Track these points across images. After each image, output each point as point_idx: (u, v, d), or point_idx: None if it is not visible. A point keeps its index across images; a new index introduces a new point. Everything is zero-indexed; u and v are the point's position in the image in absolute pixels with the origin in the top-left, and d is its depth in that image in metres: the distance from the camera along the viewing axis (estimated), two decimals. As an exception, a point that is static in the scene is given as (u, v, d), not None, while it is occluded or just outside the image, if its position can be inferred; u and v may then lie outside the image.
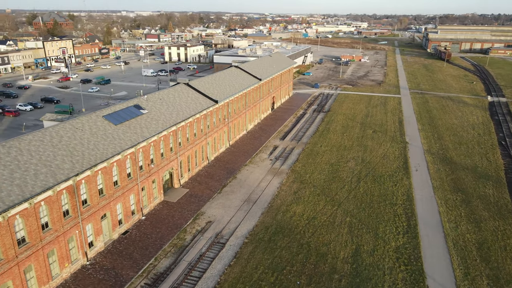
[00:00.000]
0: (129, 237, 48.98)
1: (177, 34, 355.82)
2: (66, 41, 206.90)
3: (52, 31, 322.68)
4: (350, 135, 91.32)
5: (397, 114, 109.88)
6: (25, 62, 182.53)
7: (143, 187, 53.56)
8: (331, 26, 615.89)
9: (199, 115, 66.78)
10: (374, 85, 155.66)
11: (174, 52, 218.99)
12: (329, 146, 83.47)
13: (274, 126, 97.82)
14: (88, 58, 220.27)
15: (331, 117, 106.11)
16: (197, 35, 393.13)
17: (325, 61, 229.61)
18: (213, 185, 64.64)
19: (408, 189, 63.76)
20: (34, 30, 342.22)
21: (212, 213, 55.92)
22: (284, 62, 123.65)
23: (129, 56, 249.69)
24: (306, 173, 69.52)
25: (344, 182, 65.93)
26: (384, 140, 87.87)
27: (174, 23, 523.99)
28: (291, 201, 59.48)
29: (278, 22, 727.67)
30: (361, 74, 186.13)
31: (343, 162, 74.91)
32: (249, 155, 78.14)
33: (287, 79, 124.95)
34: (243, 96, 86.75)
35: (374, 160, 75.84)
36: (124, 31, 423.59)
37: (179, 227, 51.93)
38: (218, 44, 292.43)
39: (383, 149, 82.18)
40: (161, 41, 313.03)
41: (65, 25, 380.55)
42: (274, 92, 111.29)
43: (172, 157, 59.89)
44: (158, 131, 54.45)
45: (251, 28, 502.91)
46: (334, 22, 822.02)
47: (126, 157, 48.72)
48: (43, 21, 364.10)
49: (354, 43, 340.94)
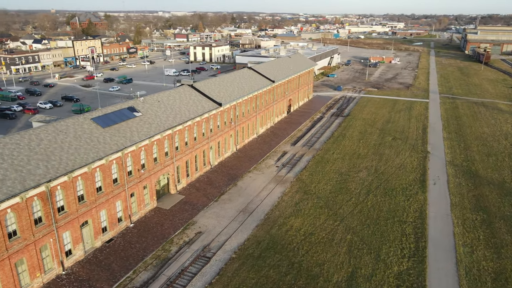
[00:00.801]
0: (112, 246, 46.83)
1: (206, 34, 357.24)
2: (94, 40, 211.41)
3: (87, 31, 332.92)
4: (367, 142, 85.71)
5: (422, 121, 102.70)
6: (55, 61, 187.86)
7: (132, 193, 51.36)
8: (365, 27, 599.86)
9: (200, 119, 64.03)
10: (402, 89, 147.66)
11: (199, 52, 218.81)
12: (341, 154, 78.45)
13: (287, 130, 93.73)
14: (116, 57, 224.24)
15: (349, 122, 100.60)
16: (227, 35, 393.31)
17: (353, 63, 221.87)
18: (211, 192, 61.67)
19: (422, 205, 58.02)
20: (71, 30, 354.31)
21: (204, 223, 52.91)
22: (303, 64, 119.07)
23: (157, 55, 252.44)
24: (312, 183, 65.14)
25: (352, 194, 61.05)
26: (403, 148, 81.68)
27: (205, 23, 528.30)
28: (290, 213, 55.45)
29: (311, 23, 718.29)
30: (389, 76, 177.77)
31: (354, 171, 69.83)
32: (255, 161, 74.62)
33: (307, 81, 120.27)
34: (253, 99, 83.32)
35: (388, 171, 70.22)
36: (156, 31, 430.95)
37: (166, 237, 49.28)
38: (246, 44, 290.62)
39: (400, 158, 76.22)
40: (190, 41, 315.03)
41: (100, 25, 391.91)
42: (290, 95, 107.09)
43: (167, 162, 57.43)
44: (150, 135, 52.08)
45: (282, 28, 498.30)
46: (369, 22, 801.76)
47: (112, 162, 46.58)
48: (79, 21, 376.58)
49: (387, 44, 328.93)
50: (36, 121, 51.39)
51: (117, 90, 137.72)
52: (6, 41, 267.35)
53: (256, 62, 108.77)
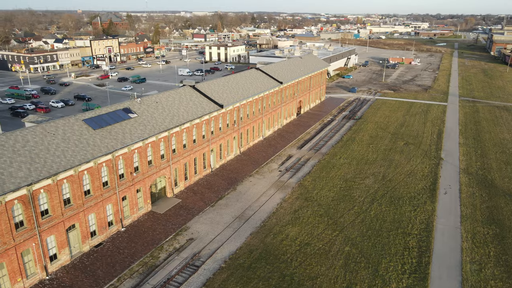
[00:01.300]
0: (101, 251, 45.68)
1: (224, 34, 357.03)
2: (112, 40, 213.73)
3: (107, 31, 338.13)
4: (377, 147, 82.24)
5: (438, 125, 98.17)
6: (73, 60, 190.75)
7: (124, 197, 50.17)
8: (387, 27, 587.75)
9: (199, 121, 62.41)
10: (419, 91, 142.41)
11: (214, 52, 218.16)
12: (349, 159, 75.38)
13: (295, 133, 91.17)
14: (133, 56, 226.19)
15: (360, 126, 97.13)
16: (245, 35, 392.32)
17: (371, 63, 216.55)
18: (209, 196, 59.95)
19: (430, 216, 54.57)
20: (92, 30, 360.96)
21: (197, 229, 51.20)
22: (315, 64, 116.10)
23: (174, 55, 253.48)
24: (315, 189, 62.52)
25: (355, 203, 58.12)
26: (415, 154, 77.88)
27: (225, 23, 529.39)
28: (287, 221, 53.09)
29: (332, 23, 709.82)
30: (407, 78, 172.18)
31: (360, 178, 66.77)
32: (258, 164, 72.52)
33: (319, 83, 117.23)
34: (258, 100, 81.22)
35: (397, 178, 66.82)
36: (176, 31, 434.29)
37: (156, 242, 47.83)
38: (263, 44, 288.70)
39: (411, 165, 72.57)
40: (208, 41, 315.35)
41: (120, 25, 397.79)
42: (300, 96, 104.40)
43: (163, 165, 56.04)
44: (144, 137, 50.76)
45: (301, 28, 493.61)
46: (392, 22, 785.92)
47: (101, 165, 45.44)
48: (101, 21, 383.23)
49: (408, 45, 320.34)
50: (28, 122, 50.88)
51: (130, 89, 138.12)
52: (29, 40, 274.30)
53: (267, 63, 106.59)
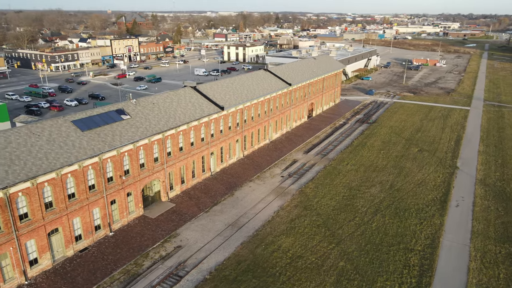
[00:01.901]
0: (85, 256, 44.50)
1: (245, 34, 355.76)
2: (132, 39, 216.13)
3: (131, 30, 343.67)
4: (388, 153, 78.16)
5: (457, 131, 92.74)
6: (93, 59, 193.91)
7: (113, 200, 48.89)
8: (414, 27, 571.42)
9: (198, 123, 60.59)
10: (441, 94, 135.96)
11: (232, 52, 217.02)
12: (356, 165, 71.80)
13: (303, 136, 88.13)
14: (153, 56, 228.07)
15: (373, 130, 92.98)
16: (267, 35, 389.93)
17: (393, 65, 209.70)
18: (204, 201, 58.02)
19: (437, 230, 50.62)
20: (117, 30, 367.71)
21: (187, 236, 49.31)
22: (330, 66, 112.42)
23: (193, 55, 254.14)
24: (316, 197, 59.52)
25: (357, 213, 54.78)
26: (429, 162, 73.40)
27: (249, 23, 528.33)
28: (282, 231, 50.43)
29: (357, 23, 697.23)
30: (430, 80, 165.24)
31: (366, 186, 63.20)
32: (261, 169, 70.08)
33: (333, 84, 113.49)
34: (265, 102, 78.74)
35: (405, 187, 62.86)
36: (198, 30, 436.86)
37: (143, 249, 46.26)
38: (284, 44, 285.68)
39: (423, 173, 68.29)
40: (228, 41, 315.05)
41: (144, 24, 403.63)
42: (312, 99, 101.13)
43: (156, 168, 54.52)
44: (134, 139, 49.34)
45: (325, 28, 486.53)
46: (421, 22, 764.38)
47: (87, 168, 44.25)
48: (125, 21, 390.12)
49: (435, 46, 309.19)
50: (19, 122, 50.42)
51: (144, 89, 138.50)
52: (55, 39, 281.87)
53: (280, 63, 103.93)
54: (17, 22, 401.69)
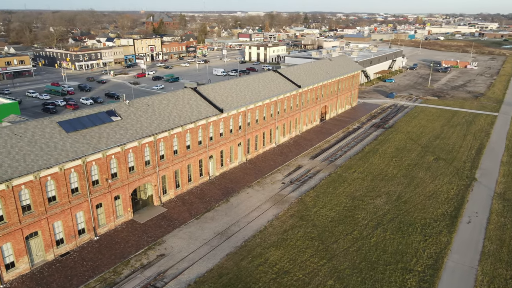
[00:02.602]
0: (65, 261, 43.42)
1: (271, 33, 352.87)
2: (154, 39, 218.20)
3: (157, 30, 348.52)
4: (401, 161, 73.51)
5: (480, 138, 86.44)
6: (116, 58, 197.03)
7: (99, 204, 47.68)
8: (449, 27, 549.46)
9: (194, 126, 58.65)
10: (468, 99, 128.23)
11: (254, 52, 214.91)
12: (364, 173, 67.79)
13: (313, 141, 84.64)
14: (175, 55, 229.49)
15: (388, 135, 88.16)
16: (292, 35, 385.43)
17: (420, 67, 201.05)
18: (198, 207, 56.00)
19: (442, 250, 46.29)
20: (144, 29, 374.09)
21: (173, 243, 47.39)
22: (346, 67, 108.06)
23: (215, 55, 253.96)
24: (315, 207, 56.23)
25: (356, 226, 51.12)
26: (444, 172, 68.33)
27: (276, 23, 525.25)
28: (272, 242, 47.60)
29: (389, 23, 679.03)
30: (458, 83, 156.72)
31: (371, 197, 59.25)
32: (262, 174, 67.40)
33: (349, 87, 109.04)
34: (271, 105, 75.93)
35: (414, 199, 58.45)
36: (225, 30, 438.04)
37: (125, 256, 44.71)
38: (308, 44, 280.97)
39: (435, 184, 63.49)
40: (253, 41, 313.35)
41: (171, 24, 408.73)
42: (325, 101, 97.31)
43: (148, 171, 52.98)
44: (122, 142, 47.93)
45: (353, 28, 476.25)
46: (456, 22, 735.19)
47: (69, 171, 43.14)
48: (153, 20, 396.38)
49: (468, 47, 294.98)
50: (7, 121, 50.12)
51: (161, 88, 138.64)
52: (84, 39, 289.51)
53: (288, 65, 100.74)
54: (52, 22, 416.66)
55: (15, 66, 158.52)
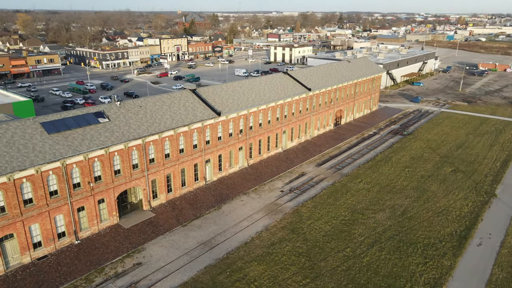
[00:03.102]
0: (40, 265, 42.62)
1: (300, 34, 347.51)
2: (180, 39, 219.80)
3: (188, 30, 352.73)
4: (414, 171, 68.24)
5: (509, 150, 79.11)
6: (142, 58, 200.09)
7: (81, 207, 46.67)
8: (493, 28, 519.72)
9: (188, 129, 56.68)
10: (502, 105, 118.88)
11: (279, 53, 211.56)
12: (371, 184, 63.30)
13: (323, 146, 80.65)
14: (201, 55, 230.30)
15: (405, 143, 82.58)
16: (323, 35, 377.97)
17: (454, 69, 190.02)
18: (187, 214, 53.99)
19: (442, 275, 41.59)
20: (176, 29, 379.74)
21: (152, 252, 45.57)
22: (366, 69, 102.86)
23: (242, 55, 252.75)
24: (310, 219, 52.70)
25: (350, 243, 47.20)
26: (460, 186, 62.59)
27: (309, 24, 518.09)
28: (256, 256, 44.68)
29: (428, 23, 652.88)
30: (493, 88, 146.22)
31: (373, 210, 54.90)
32: (262, 180, 64.50)
33: (369, 90, 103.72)
34: (276, 108, 72.83)
35: (420, 215, 53.54)
36: (255, 30, 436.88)
37: (101, 263, 43.35)
38: (337, 45, 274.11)
39: (448, 199, 58.10)
40: (281, 41, 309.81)
41: (203, 24, 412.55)
42: (340, 105, 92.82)
43: (136, 175, 51.54)
44: (106, 144, 46.68)
45: (388, 29, 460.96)
46: (503, 22, 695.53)
47: (47, 173, 42.28)
48: (185, 21, 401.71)
49: (510, 49, 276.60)
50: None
51: (179, 88, 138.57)
52: (116, 38, 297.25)
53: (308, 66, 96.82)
54: (91, 22, 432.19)
55: (45, 65, 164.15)
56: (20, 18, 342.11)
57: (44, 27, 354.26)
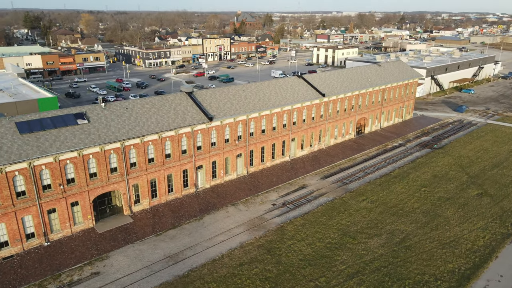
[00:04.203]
0: (4, 265, 42.43)
1: (352, 35, 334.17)
2: (223, 39, 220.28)
3: (238, 30, 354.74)
4: (431, 192, 60.27)
5: (557, 172, 67.48)
6: (184, 57, 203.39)
7: (52, 209, 46.16)
8: None
9: (175, 133, 54.33)
10: None
11: (322, 54, 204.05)
12: (376, 203, 56.69)
13: (336, 157, 74.56)
14: (244, 55, 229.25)
15: (431, 158, 73.83)
16: (377, 36, 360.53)
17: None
18: (166, 222, 51.68)
19: (425, 322, 35.01)
20: (227, 29, 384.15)
21: (114, 261, 43.72)
22: (398, 74, 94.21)
23: (286, 56, 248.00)
24: (292, 238, 47.91)
25: (327, 271, 41.82)
26: (482, 213, 53.91)
27: (366, 24, 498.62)
28: (218, 277, 41.03)
29: (502, 23, 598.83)
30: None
31: (367, 234, 48.69)
32: (256, 191, 60.51)
33: (401, 97, 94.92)
34: (282, 114, 68.26)
35: (422, 245, 46.45)
36: (307, 31, 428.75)
37: (60, 268, 42.29)
38: (389, 47, 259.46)
39: (462, 229, 50.09)
40: (330, 42, 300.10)
41: (254, 24, 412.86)
42: (364, 113, 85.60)
43: (114, 179, 50.20)
44: (78, 147, 45.67)
45: (451, 29, 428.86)
46: None
47: (12, 173, 42.06)
48: (236, 21, 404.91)
49: None
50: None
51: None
52: (167, 38, 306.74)
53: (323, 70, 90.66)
54: (148, 22, 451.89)
55: (91, 62, 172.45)
56: (83, 18, 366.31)
57: (104, 26, 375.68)
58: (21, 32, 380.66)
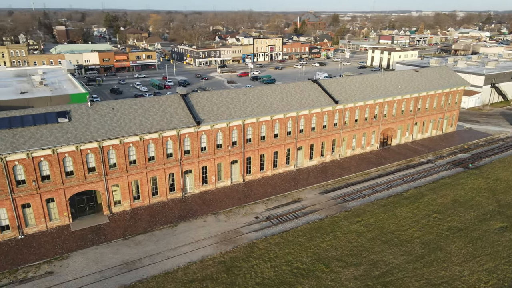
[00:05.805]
0: (-26, 253, 44.55)
1: (419, 36, 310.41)
2: (275, 39, 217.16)
3: (299, 30, 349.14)
4: (442, 220, 52.03)
5: None
6: (234, 57, 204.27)
7: (26, 204, 47.40)
8: None
9: (158, 136, 53.03)
10: None
11: (376, 56, 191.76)
12: (370, 227, 50.28)
13: (346, 170, 68.23)
14: (296, 56, 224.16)
15: (459, 180, 64.26)
16: (451, 38, 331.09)
17: None
18: (139, 226, 50.63)
19: None
20: (288, 29, 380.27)
21: (72, 262, 43.46)
22: (439, 81, 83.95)
23: (342, 57, 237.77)
24: (259, 258, 43.96)
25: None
26: (496, 252, 45.07)
27: (442, 24, 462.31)
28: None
29: None
30: None
31: (344, 263, 43.00)
32: (245, 201, 57.18)
33: (440, 107, 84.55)
34: (286, 121, 63.88)
35: (403, 284, 39.75)
36: (374, 31, 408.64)
37: (20, 263, 42.99)
38: (459, 50, 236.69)
39: (462, 268, 42.17)
40: (395, 43, 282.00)
41: (317, 24, 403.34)
42: (390, 123, 77.47)
43: (92, 178, 50.30)
44: (51, 145, 46.26)
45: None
46: None
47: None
48: (299, 21, 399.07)
49: None
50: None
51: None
52: (227, 37, 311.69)
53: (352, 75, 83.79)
54: (215, 21, 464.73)
55: (143, 60, 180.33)
56: (151, 18, 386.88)
57: (169, 26, 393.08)
58: (99, 31, 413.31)
